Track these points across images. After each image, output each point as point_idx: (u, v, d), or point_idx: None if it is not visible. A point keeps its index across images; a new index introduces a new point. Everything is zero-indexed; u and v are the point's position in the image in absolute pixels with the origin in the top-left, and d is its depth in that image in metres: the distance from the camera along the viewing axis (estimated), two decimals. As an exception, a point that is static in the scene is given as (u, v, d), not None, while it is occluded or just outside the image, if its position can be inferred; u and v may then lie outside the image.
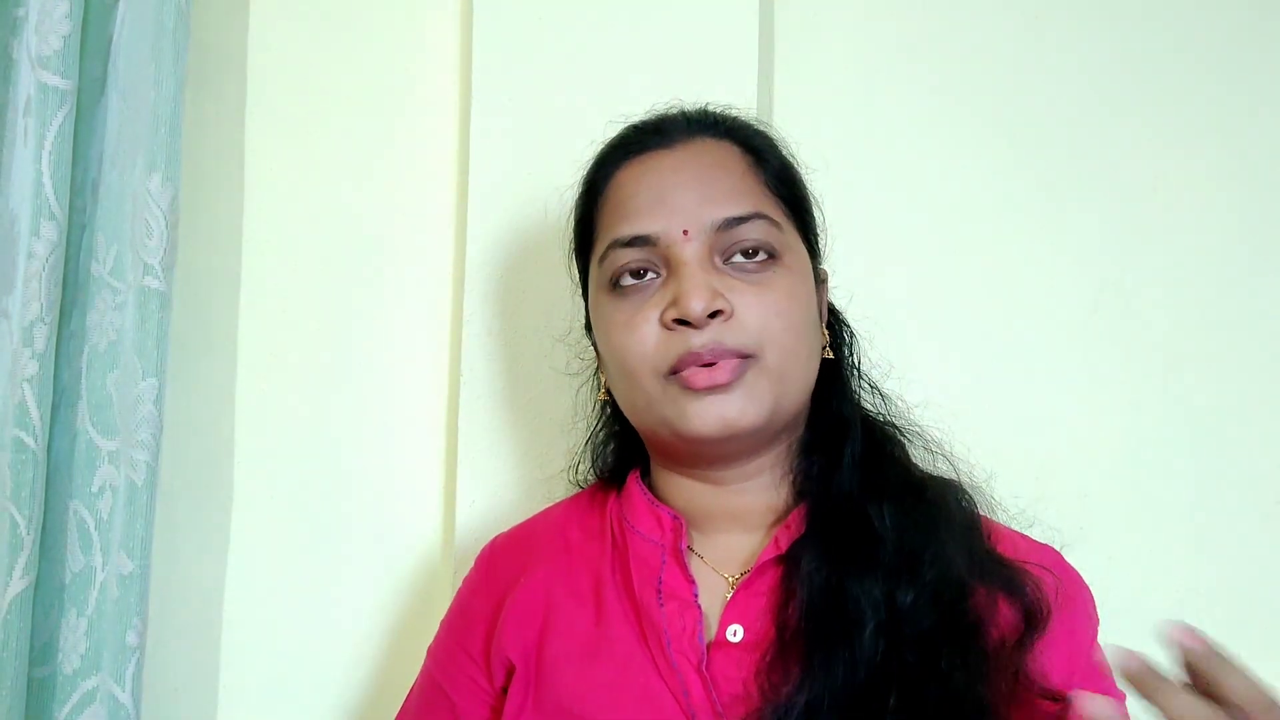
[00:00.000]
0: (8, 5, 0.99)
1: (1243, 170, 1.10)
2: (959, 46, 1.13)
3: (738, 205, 0.74)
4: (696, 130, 0.79)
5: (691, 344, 0.71)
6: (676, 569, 0.75)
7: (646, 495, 0.80)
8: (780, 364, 0.73)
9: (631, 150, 0.79)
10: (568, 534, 0.83)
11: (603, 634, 0.76)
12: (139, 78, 1.01)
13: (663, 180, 0.75)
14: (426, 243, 1.14)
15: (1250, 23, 1.11)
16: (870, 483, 0.76)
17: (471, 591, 0.86)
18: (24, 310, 0.94)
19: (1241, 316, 1.08)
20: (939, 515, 0.74)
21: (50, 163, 0.95)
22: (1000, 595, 0.71)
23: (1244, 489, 1.06)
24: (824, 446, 0.78)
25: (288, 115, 1.15)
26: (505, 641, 0.78)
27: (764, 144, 0.80)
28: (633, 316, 0.74)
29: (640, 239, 0.74)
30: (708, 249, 0.73)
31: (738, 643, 0.72)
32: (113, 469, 0.99)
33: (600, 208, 0.79)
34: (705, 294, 0.71)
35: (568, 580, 0.80)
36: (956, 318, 1.10)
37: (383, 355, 1.13)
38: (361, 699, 1.09)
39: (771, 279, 0.74)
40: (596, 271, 0.78)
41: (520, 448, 1.06)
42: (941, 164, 1.11)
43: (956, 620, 0.69)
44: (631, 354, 0.74)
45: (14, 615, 0.92)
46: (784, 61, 1.13)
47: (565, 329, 1.00)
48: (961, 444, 0.82)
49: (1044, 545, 0.80)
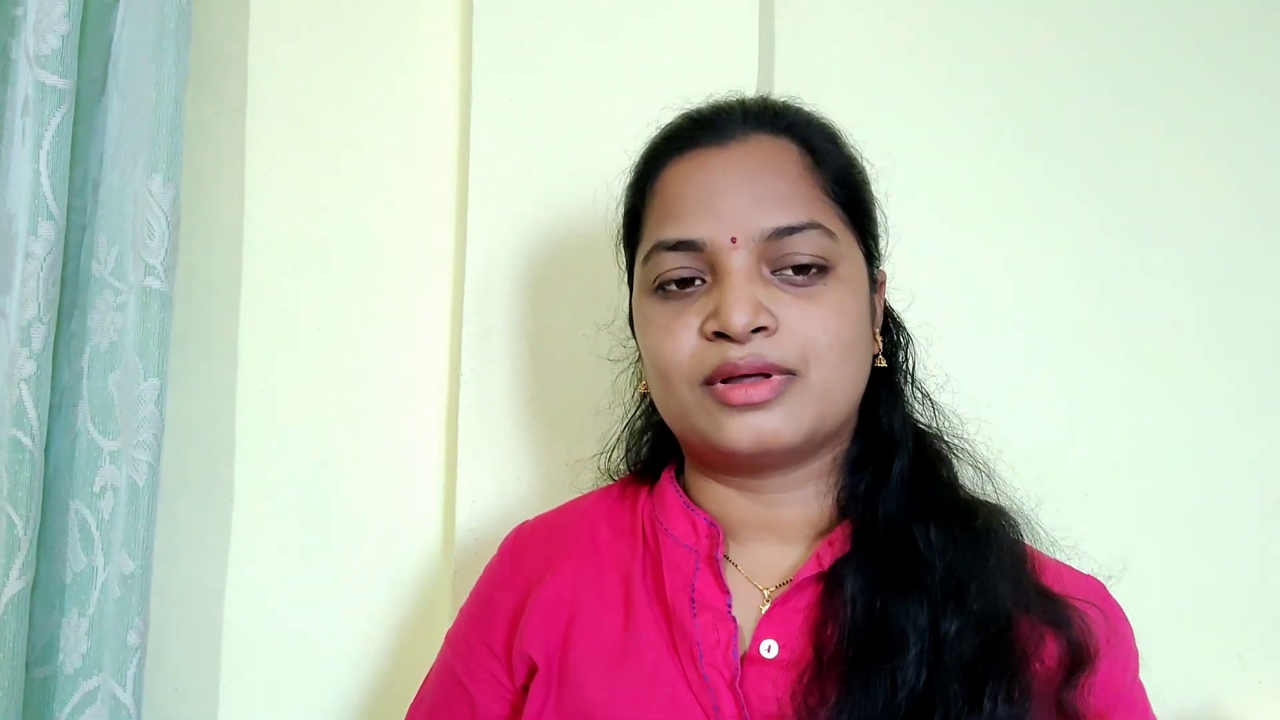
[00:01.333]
0: (6, 4, 0.99)
1: (1244, 170, 1.10)
2: (959, 47, 1.13)
3: (791, 214, 0.70)
4: (753, 126, 0.74)
5: (730, 355, 0.68)
6: (710, 578, 0.73)
7: (682, 498, 0.77)
8: (825, 382, 0.70)
9: (684, 145, 0.75)
10: (597, 530, 0.80)
11: (631, 639, 0.73)
12: (140, 78, 1.01)
13: (712, 182, 0.72)
14: (426, 243, 1.13)
15: (1252, 22, 1.11)
16: (919, 504, 0.73)
17: (494, 583, 0.82)
18: (21, 310, 0.94)
19: (1241, 316, 1.08)
20: (988, 544, 0.72)
21: (48, 162, 0.95)
22: (1047, 630, 0.69)
23: (1244, 489, 1.06)
24: (872, 461, 0.75)
25: (288, 115, 1.15)
26: (528, 639, 0.76)
27: (825, 142, 0.76)
28: (672, 321, 0.71)
29: (686, 243, 0.71)
30: (756, 258, 0.70)
31: (772, 659, 0.70)
32: (114, 469, 0.99)
33: (648, 204, 0.76)
34: (749, 308, 0.68)
35: (596, 579, 0.77)
36: (956, 317, 1.10)
37: (383, 355, 1.13)
38: (362, 698, 1.09)
39: (821, 292, 0.70)
40: (641, 270, 0.75)
41: (521, 447, 1.06)
42: (941, 164, 1.11)
43: (1002, 653, 0.67)
44: (668, 360, 0.71)
45: (11, 616, 0.91)
46: (784, 61, 1.13)
47: (573, 320, 0.98)
48: (962, 444, 0.82)
49: (1088, 577, 0.77)
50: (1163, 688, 1.05)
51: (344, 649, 1.10)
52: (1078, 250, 1.10)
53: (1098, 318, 1.09)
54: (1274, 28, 1.11)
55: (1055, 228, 1.10)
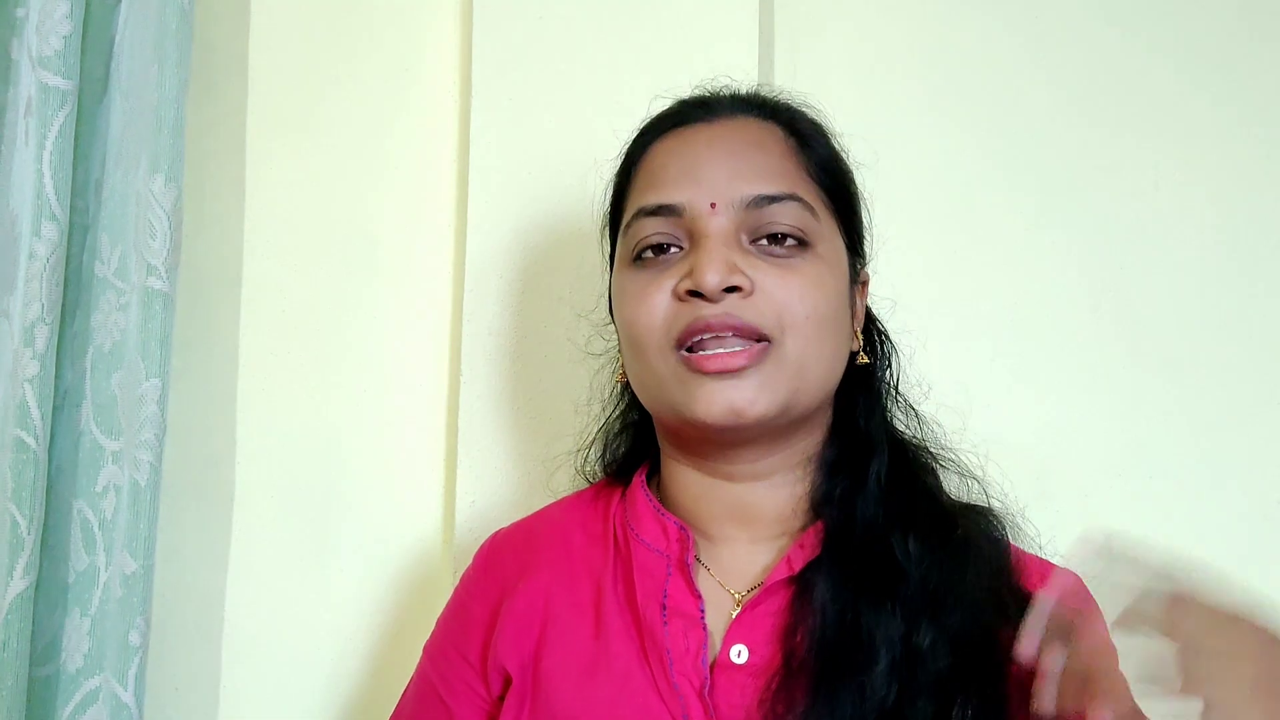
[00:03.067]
0: (8, 5, 0.99)
1: (1243, 170, 1.10)
2: (959, 47, 1.13)
3: (772, 184, 0.70)
4: (742, 108, 0.75)
5: (702, 313, 0.67)
6: (682, 583, 0.72)
7: (652, 502, 0.77)
8: (800, 354, 0.69)
9: (672, 123, 0.75)
10: (570, 537, 0.80)
11: (602, 648, 0.73)
12: (142, 79, 1.01)
13: (696, 152, 0.72)
14: (427, 243, 1.14)
15: (1250, 22, 1.11)
16: (897, 512, 0.72)
17: (469, 593, 0.82)
18: (25, 310, 0.94)
19: (1241, 316, 1.08)
20: (967, 553, 0.71)
21: (51, 163, 0.95)
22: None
23: (1244, 489, 1.06)
24: (849, 465, 0.74)
25: (289, 116, 1.15)
26: (502, 651, 0.75)
27: (811, 130, 0.76)
28: (646, 286, 0.71)
29: (665, 208, 0.71)
30: (735, 225, 0.70)
31: (742, 664, 0.69)
32: (117, 469, 0.99)
33: (633, 180, 0.76)
34: (722, 267, 0.67)
35: (568, 588, 0.76)
36: (955, 317, 1.10)
37: (383, 355, 1.13)
38: (362, 698, 1.09)
39: (800, 265, 0.70)
40: (622, 244, 0.75)
41: (520, 447, 1.06)
42: (941, 163, 1.12)
43: (976, 669, 0.66)
44: (640, 325, 0.70)
45: (15, 615, 0.92)
46: (784, 62, 1.13)
47: (572, 320, 0.98)
48: (962, 444, 0.82)
49: (1065, 571, 0.75)
50: (1162, 687, 1.05)
51: (344, 648, 1.10)
52: (1079, 250, 1.10)
53: (1097, 318, 1.09)
54: (1272, 27, 1.11)
55: (1056, 227, 1.10)
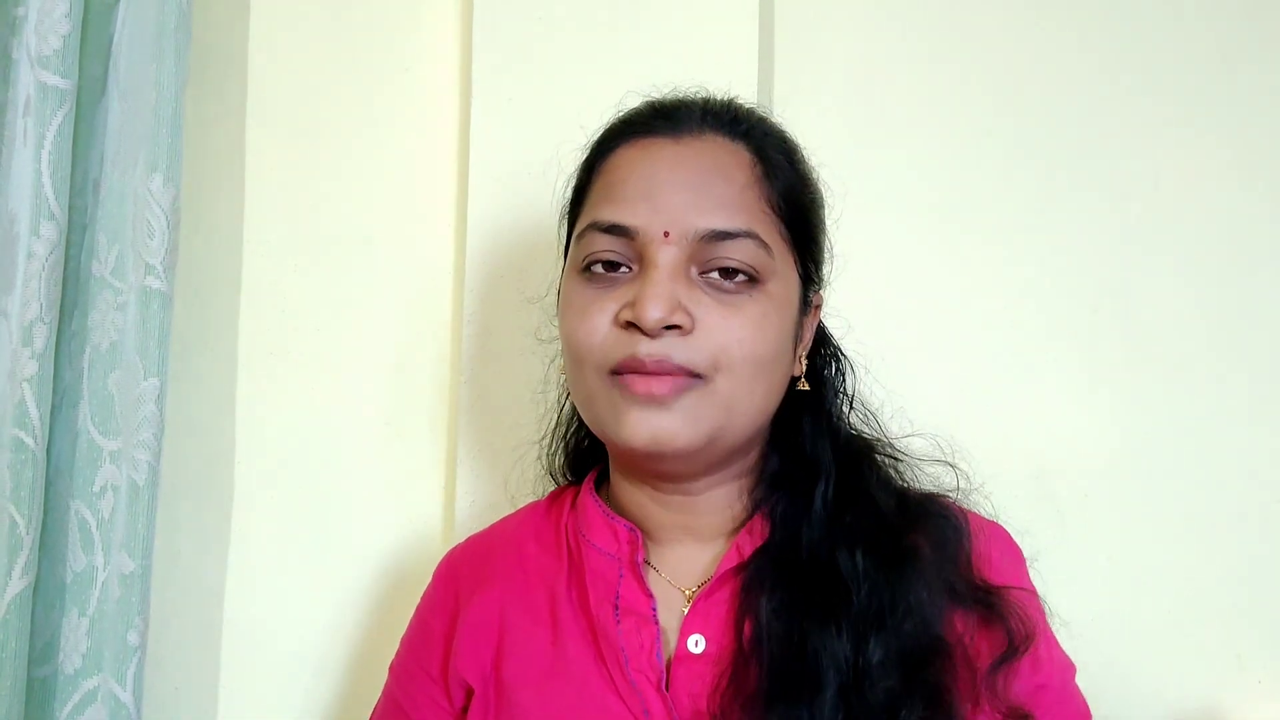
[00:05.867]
0: (7, 5, 0.99)
1: (1243, 169, 1.10)
2: (958, 47, 1.13)
3: (729, 219, 0.69)
4: (710, 125, 0.73)
5: (638, 351, 0.67)
6: (634, 583, 0.73)
7: (601, 507, 0.77)
8: (730, 394, 0.68)
9: (638, 131, 0.74)
10: (523, 547, 0.81)
11: (559, 654, 0.74)
12: (140, 78, 1.01)
13: (657, 173, 0.70)
14: (427, 243, 1.14)
15: (1250, 20, 1.11)
16: (844, 528, 0.72)
17: (429, 608, 0.83)
18: (23, 310, 0.94)
19: (1241, 316, 1.09)
20: (918, 561, 0.71)
21: (50, 163, 0.95)
22: (980, 629, 0.70)
23: (1244, 489, 1.06)
24: (791, 482, 0.75)
25: (288, 115, 1.15)
26: (461, 664, 0.77)
27: (780, 154, 0.74)
28: (590, 305, 0.70)
29: (619, 228, 0.70)
30: (686, 256, 0.69)
31: (699, 654, 0.70)
32: (114, 469, 0.99)
33: (593, 183, 0.75)
34: (665, 304, 0.66)
35: (523, 597, 0.77)
36: (955, 317, 1.10)
37: (383, 355, 1.13)
38: (361, 698, 1.09)
39: (745, 303, 0.69)
40: (574, 249, 0.74)
41: (519, 447, 1.06)
42: (941, 163, 1.12)
43: (924, 680, 0.67)
44: (580, 343, 0.70)
45: (13, 615, 0.91)
46: (784, 62, 1.13)
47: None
48: (963, 444, 0.82)
49: (992, 524, 0.77)
50: (1161, 687, 1.06)
51: (343, 648, 1.10)
52: (1079, 250, 1.10)
53: (1097, 317, 1.09)
54: (1272, 27, 1.11)
55: (1056, 227, 1.10)
